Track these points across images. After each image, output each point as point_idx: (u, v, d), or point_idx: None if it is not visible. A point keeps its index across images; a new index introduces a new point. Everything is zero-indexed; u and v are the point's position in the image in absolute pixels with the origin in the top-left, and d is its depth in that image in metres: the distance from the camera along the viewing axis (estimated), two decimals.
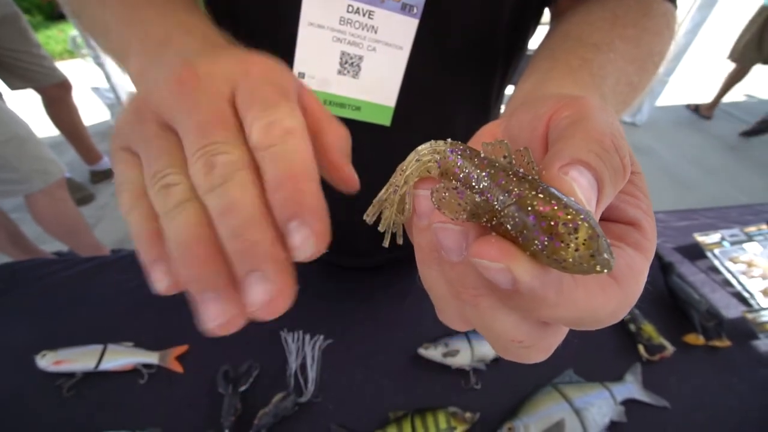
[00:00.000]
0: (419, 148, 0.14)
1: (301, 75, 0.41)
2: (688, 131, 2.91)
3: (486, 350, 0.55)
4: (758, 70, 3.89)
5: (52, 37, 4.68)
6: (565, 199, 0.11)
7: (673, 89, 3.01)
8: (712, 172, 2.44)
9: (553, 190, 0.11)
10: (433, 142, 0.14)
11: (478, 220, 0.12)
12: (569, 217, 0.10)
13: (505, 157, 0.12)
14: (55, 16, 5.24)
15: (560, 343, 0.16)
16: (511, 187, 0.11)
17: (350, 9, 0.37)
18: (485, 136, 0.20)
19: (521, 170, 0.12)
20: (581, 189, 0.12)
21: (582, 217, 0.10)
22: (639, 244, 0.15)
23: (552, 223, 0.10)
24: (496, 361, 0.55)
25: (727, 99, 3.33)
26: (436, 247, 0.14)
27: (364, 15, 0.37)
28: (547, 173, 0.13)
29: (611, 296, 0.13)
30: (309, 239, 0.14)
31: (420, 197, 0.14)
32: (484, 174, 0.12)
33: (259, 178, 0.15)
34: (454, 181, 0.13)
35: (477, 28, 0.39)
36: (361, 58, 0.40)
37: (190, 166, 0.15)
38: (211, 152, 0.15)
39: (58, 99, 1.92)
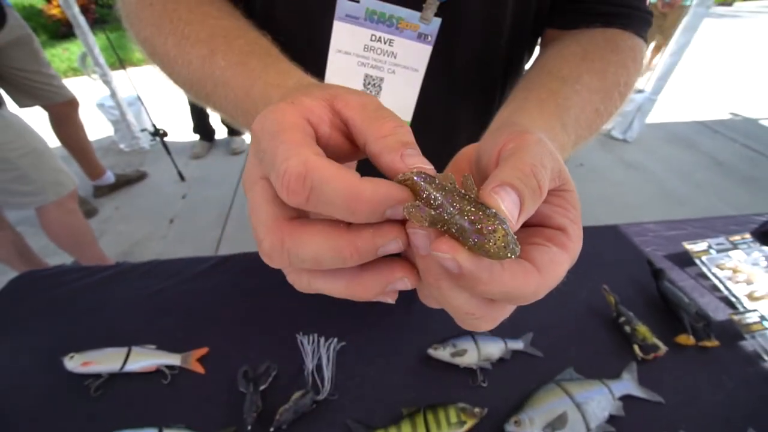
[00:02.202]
0: (398, 175, 0.19)
1: None
2: (677, 147, 3.01)
3: (492, 350, 0.58)
4: (743, 90, 4.05)
5: (56, 56, 4.78)
6: (489, 211, 0.16)
7: (662, 107, 3.13)
8: (700, 186, 2.52)
9: (482, 205, 0.17)
10: (409, 170, 0.19)
11: (435, 227, 0.17)
12: (490, 223, 0.16)
13: (451, 183, 0.18)
14: (60, 35, 5.36)
15: (561, 343, 0.21)
16: (455, 204, 0.17)
17: (373, 38, 0.42)
18: (461, 157, 0.26)
19: (463, 191, 0.18)
20: (506, 204, 0.17)
21: (498, 223, 0.16)
22: (563, 244, 0.20)
23: (479, 227, 0.16)
24: (502, 360, 0.58)
25: (712, 117, 3.47)
26: (412, 245, 0.19)
27: (385, 43, 0.42)
28: (482, 192, 0.18)
29: (531, 280, 0.18)
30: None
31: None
32: (438, 195, 0.17)
33: None
34: (419, 200, 0.18)
35: (480, 54, 0.45)
36: (382, 79, 0.45)
37: None
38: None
39: (65, 116, 1.96)
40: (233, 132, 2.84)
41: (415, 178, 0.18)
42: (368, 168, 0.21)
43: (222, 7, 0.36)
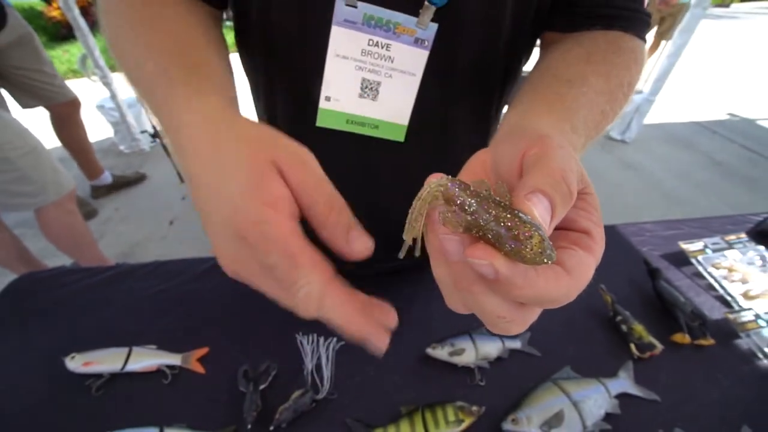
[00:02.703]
0: (431, 181, 0.19)
1: (328, 98, 0.47)
2: (675, 148, 3.02)
3: (489, 349, 0.59)
4: (741, 90, 4.07)
5: (56, 58, 4.79)
6: (525, 218, 0.17)
7: (660, 108, 3.14)
8: (698, 187, 2.53)
9: (517, 211, 0.17)
10: (441, 177, 0.19)
11: (469, 232, 0.18)
12: (526, 229, 0.16)
13: (486, 190, 0.18)
14: (60, 37, 5.36)
15: (558, 342, 0.22)
16: (491, 210, 0.17)
17: (371, 42, 0.43)
18: (476, 162, 0.26)
19: (497, 198, 0.18)
20: (538, 210, 0.18)
21: (534, 229, 0.16)
22: (589, 247, 0.20)
23: (516, 233, 0.16)
24: (499, 359, 0.59)
25: (711, 117, 3.48)
26: (442, 251, 0.19)
27: (382, 47, 0.43)
28: (515, 199, 0.18)
29: (562, 283, 0.18)
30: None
31: (438, 226, 0.20)
32: (473, 201, 0.18)
33: None
34: (453, 206, 0.18)
35: (478, 58, 0.45)
36: (379, 83, 0.45)
37: None
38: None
39: (67, 116, 1.97)
40: None
41: (449, 185, 0.18)
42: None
43: (180, 12, 0.36)
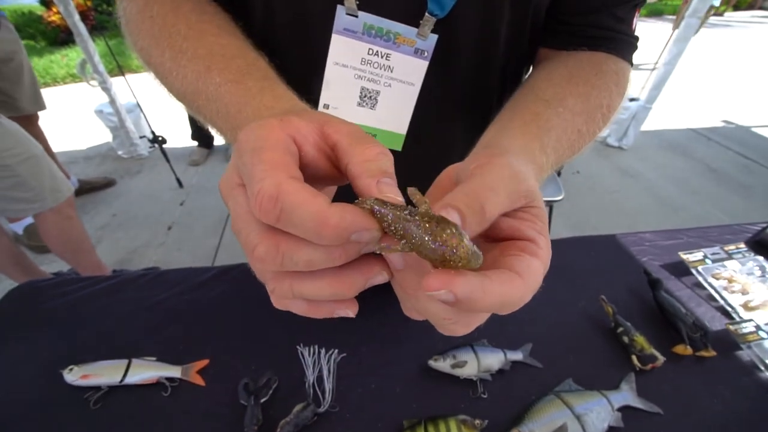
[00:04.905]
0: (359, 200, 0.20)
1: (326, 106, 0.47)
2: (672, 155, 3.04)
3: (491, 362, 0.59)
4: (736, 98, 4.11)
5: (55, 62, 4.79)
6: (449, 229, 0.18)
7: (657, 115, 3.17)
8: (695, 194, 2.54)
9: (440, 220, 0.18)
10: (372, 198, 0.20)
11: (405, 250, 0.18)
12: (453, 239, 0.17)
13: (417, 202, 0.19)
14: (59, 42, 5.37)
15: (560, 354, 0.22)
16: (419, 225, 0.18)
17: (370, 52, 0.43)
18: (444, 176, 0.28)
19: (416, 205, 0.19)
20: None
21: (460, 237, 0.17)
22: (535, 252, 0.21)
23: (444, 244, 0.17)
24: (501, 371, 0.59)
25: (706, 125, 3.51)
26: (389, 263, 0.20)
27: (382, 57, 0.43)
28: (434, 209, 0.19)
29: (517, 285, 0.19)
30: None
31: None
32: (389, 213, 0.18)
33: None
34: (380, 223, 0.19)
35: (476, 70, 0.46)
36: (378, 92, 0.46)
37: None
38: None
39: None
40: None
41: (375, 207, 0.19)
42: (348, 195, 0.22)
43: (222, 25, 0.37)
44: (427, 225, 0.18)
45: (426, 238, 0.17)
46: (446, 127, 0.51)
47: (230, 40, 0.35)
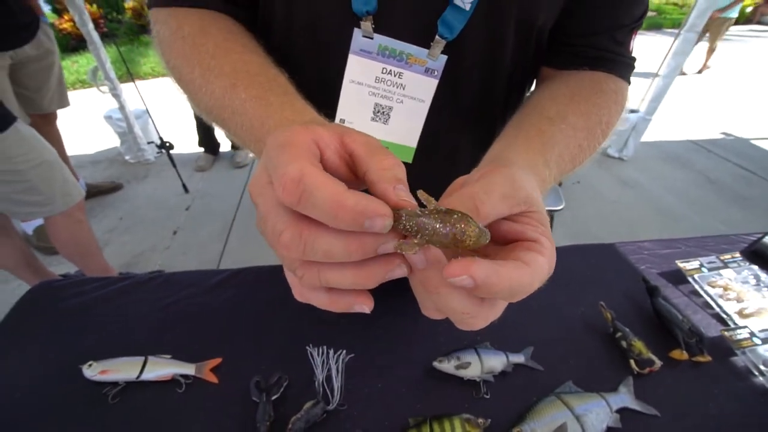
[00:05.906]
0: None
1: (342, 121, 0.50)
2: (672, 166, 3.07)
3: (494, 363, 0.61)
4: (735, 110, 4.15)
5: (65, 69, 4.87)
6: (456, 214, 0.20)
7: (656, 127, 3.21)
8: (694, 204, 2.57)
9: (448, 210, 0.21)
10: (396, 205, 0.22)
11: (422, 245, 0.21)
12: (462, 222, 0.20)
13: (426, 201, 0.22)
14: (70, 49, 5.46)
15: (561, 357, 0.25)
16: (431, 218, 0.20)
17: (384, 71, 0.46)
18: (455, 185, 0.30)
19: (426, 205, 0.22)
20: None
21: (467, 219, 0.20)
22: (540, 250, 0.24)
23: (456, 228, 0.20)
24: (504, 373, 0.61)
25: (705, 136, 3.55)
26: (411, 264, 0.22)
27: (395, 75, 0.47)
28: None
29: (526, 272, 0.22)
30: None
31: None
32: (403, 213, 0.21)
33: None
34: (396, 222, 0.21)
35: (483, 88, 0.49)
36: (391, 108, 0.49)
37: None
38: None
39: (42, 127, 2.00)
40: (237, 146, 2.89)
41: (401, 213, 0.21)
42: None
43: (246, 44, 0.40)
44: (436, 216, 0.20)
45: (437, 226, 0.20)
46: (454, 140, 0.54)
47: (253, 58, 0.39)
